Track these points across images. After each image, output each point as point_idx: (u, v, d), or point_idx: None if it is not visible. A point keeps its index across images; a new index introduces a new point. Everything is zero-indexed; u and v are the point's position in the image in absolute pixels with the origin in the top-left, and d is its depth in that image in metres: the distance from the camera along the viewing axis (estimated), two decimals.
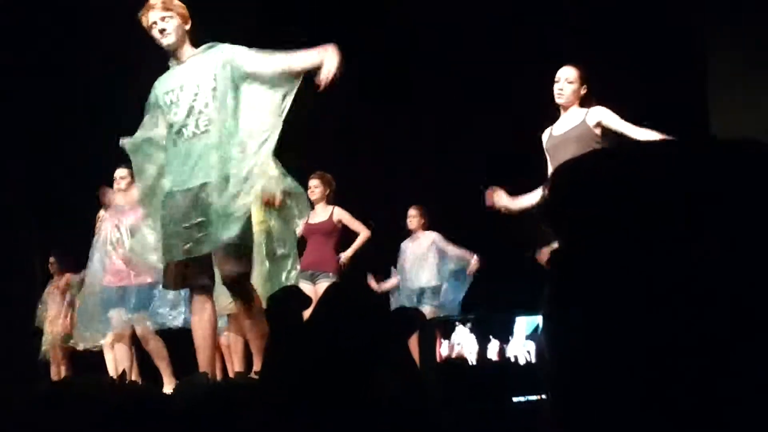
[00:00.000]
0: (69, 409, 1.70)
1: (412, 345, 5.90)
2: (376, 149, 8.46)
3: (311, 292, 6.13)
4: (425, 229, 7.84)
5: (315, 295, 5.62)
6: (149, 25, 4.34)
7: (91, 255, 6.41)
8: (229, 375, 6.07)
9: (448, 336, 6.57)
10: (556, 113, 5.04)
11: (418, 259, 7.76)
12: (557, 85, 4.93)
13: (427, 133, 8.37)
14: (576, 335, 0.69)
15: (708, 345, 0.63)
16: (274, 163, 5.09)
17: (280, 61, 4.31)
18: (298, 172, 5.51)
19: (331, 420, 1.54)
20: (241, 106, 4.33)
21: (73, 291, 7.29)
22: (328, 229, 6.88)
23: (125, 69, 6.76)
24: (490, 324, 6.60)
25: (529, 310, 6.24)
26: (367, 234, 7.01)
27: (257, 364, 4.32)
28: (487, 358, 6.17)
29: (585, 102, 4.93)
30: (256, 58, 4.34)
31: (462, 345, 6.58)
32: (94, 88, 7.76)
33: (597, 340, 0.67)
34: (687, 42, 6.97)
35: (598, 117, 4.83)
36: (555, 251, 0.74)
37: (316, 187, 6.85)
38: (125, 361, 6.18)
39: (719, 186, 0.67)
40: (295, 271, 5.29)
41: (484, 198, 5.30)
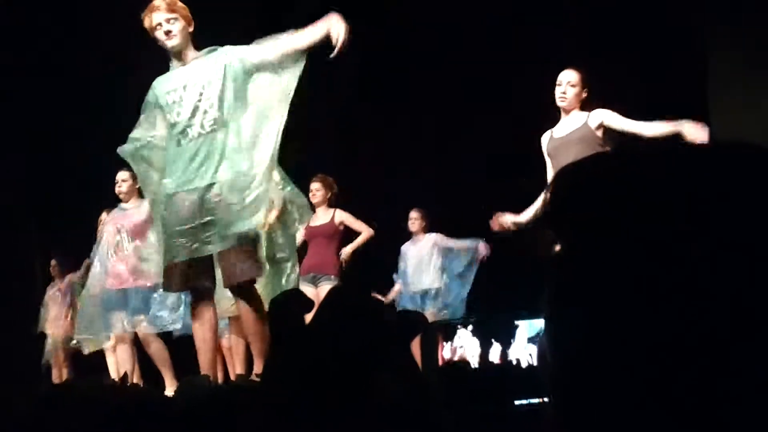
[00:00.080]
0: (71, 411, 1.70)
1: (414, 348, 5.90)
2: (375, 150, 8.45)
3: (313, 295, 6.06)
4: (426, 231, 7.82)
5: (317, 298, 5.59)
6: (153, 26, 4.32)
7: (92, 258, 6.41)
8: (231, 377, 6.05)
9: (450, 339, 6.57)
10: (556, 115, 5.03)
11: (420, 262, 7.74)
12: (559, 88, 4.91)
13: (427, 133, 8.36)
14: (578, 337, 0.69)
15: (709, 345, 0.63)
16: (276, 169, 5.08)
17: (284, 43, 4.29)
18: (298, 173, 5.49)
19: (332, 423, 1.54)
20: (247, 104, 4.33)
21: (76, 293, 7.29)
22: (330, 232, 6.85)
23: (125, 69, 6.76)
24: (492, 327, 6.59)
25: (531, 314, 6.22)
26: (370, 233, 6.97)
27: (258, 367, 4.30)
28: (489, 361, 6.16)
29: (585, 105, 4.93)
30: (259, 49, 4.33)
31: (464, 348, 6.58)
32: (94, 88, 7.75)
33: (599, 342, 0.67)
34: (687, 42, 6.96)
35: (600, 118, 4.82)
36: (557, 254, 0.74)
37: (317, 191, 6.81)
38: (127, 364, 6.17)
39: (720, 188, 0.67)
40: (295, 275, 5.28)
41: (486, 211, 5.30)
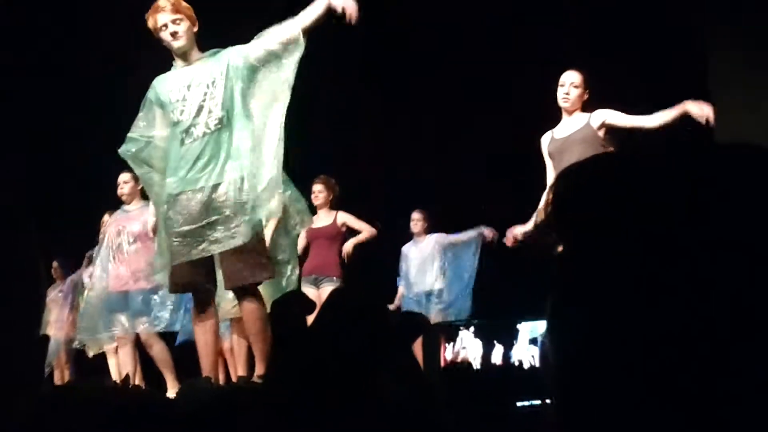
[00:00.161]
0: (73, 413, 1.70)
1: (416, 349, 5.88)
2: (375, 151, 8.44)
3: (315, 296, 6.05)
4: (427, 232, 7.82)
5: (319, 299, 5.58)
6: (158, 27, 4.29)
7: (94, 260, 6.41)
8: (232, 379, 6.04)
9: (452, 340, 6.55)
10: (556, 115, 5.03)
11: (423, 263, 7.72)
12: (562, 89, 4.90)
13: (427, 133, 8.35)
14: (579, 337, 0.69)
15: (709, 346, 0.64)
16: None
17: (284, 29, 4.27)
18: (298, 174, 5.47)
19: (334, 424, 1.54)
20: (252, 102, 4.31)
21: (78, 292, 7.29)
22: (332, 234, 6.82)
23: (125, 69, 6.75)
24: (494, 329, 6.57)
25: (533, 315, 6.20)
26: (373, 231, 6.93)
27: (260, 369, 4.28)
28: (492, 363, 6.14)
29: (586, 106, 4.93)
30: (260, 42, 4.30)
31: (466, 349, 6.56)
32: (94, 88, 7.75)
33: (600, 342, 0.67)
34: (687, 42, 6.96)
35: (602, 118, 4.83)
36: (559, 254, 0.75)
37: (320, 192, 6.77)
38: (128, 366, 6.16)
39: (720, 188, 0.67)
40: (295, 276, 5.27)
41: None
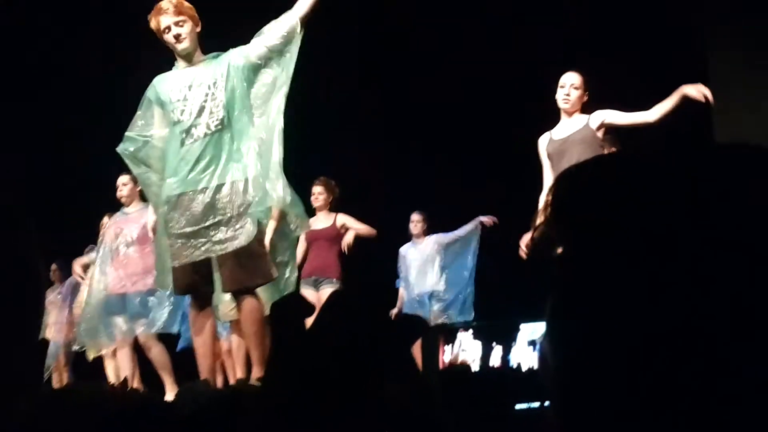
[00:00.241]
0: (71, 415, 1.70)
1: (415, 351, 5.88)
2: (374, 151, 8.44)
3: (315, 298, 6.08)
4: (426, 233, 7.82)
5: (318, 301, 5.59)
6: (161, 29, 4.28)
7: (95, 256, 6.41)
8: (231, 381, 6.02)
9: (451, 342, 6.54)
10: (555, 116, 5.04)
11: (424, 264, 7.74)
12: (562, 90, 4.91)
13: (427, 133, 8.35)
14: (579, 338, 0.69)
15: (710, 346, 0.64)
16: None
17: (284, 21, 4.28)
18: (297, 176, 5.45)
19: (333, 427, 1.54)
20: (252, 102, 4.29)
21: (77, 297, 7.29)
22: (331, 235, 6.79)
23: (125, 69, 6.76)
24: (493, 330, 6.57)
25: (532, 317, 6.19)
26: (373, 231, 6.91)
27: (258, 371, 4.26)
28: (490, 365, 6.13)
29: (585, 108, 4.95)
30: (260, 40, 4.31)
31: (465, 351, 6.56)
32: (94, 88, 7.75)
33: (600, 343, 0.67)
34: (687, 42, 6.97)
35: (600, 119, 4.85)
36: (559, 256, 0.74)
37: (320, 194, 6.76)
38: (127, 368, 6.15)
39: (720, 188, 0.67)
40: (294, 278, 5.26)
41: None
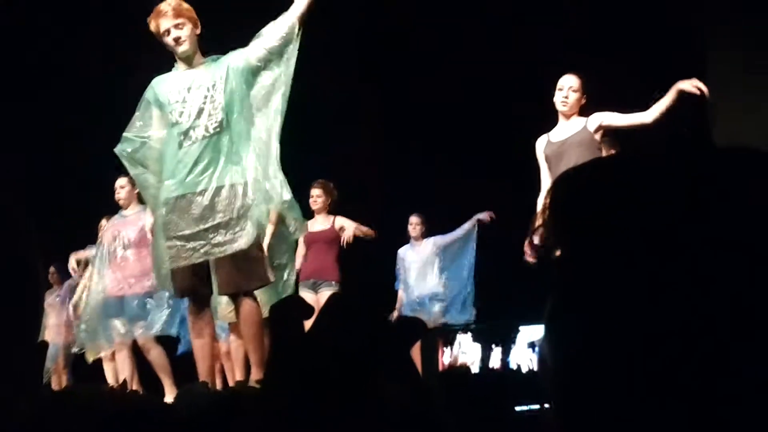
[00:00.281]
0: (69, 418, 1.70)
1: (415, 354, 5.87)
2: (374, 152, 8.43)
3: (313, 301, 6.05)
4: (425, 236, 7.81)
5: (317, 304, 5.56)
6: (160, 32, 4.28)
7: (94, 264, 6.42)
8: (230, 383, 6.02)
9: (450, 344, 6.54)
10: (555, 117, 5.04)
11: (423, 266, 7.74)
12: (561, 93, 4.90)
13: (426, 134, 8.35)
14: (578, 339, 0.69)
15: (710, 347, 0.64)
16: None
17: (283, 22, 4.28)
18: (296, 178, 5.44)
19: (333, 430, 1.54)
20: (251, 104, 4.29)
21: (75, 299, 7.28)
22: (330, 238, 6.77)
23: (125, 69, 6.75)
24: (492, 332, 6.56)
25: (531, 319, 6.19)
26: (372, 231, 6.90)
27: (257, 374, 4.26)
28: (490, 367, 6.13)
29: (583, 111, 4.95)
30: (260, 42, 4.30)
31: (465, 353, 6.56)
32: (94, 88, 7.75)
33: (600, 344, 0.67)
34: (687, 42, 6.97)
35: (598, 121, 4.85)
36: (557, 257, 0.75)
37: (318, 197, 6.74)
38: (126, 371, 6.15)
39: (719, 190, 0.67)
40: (292, 280, 5.26)
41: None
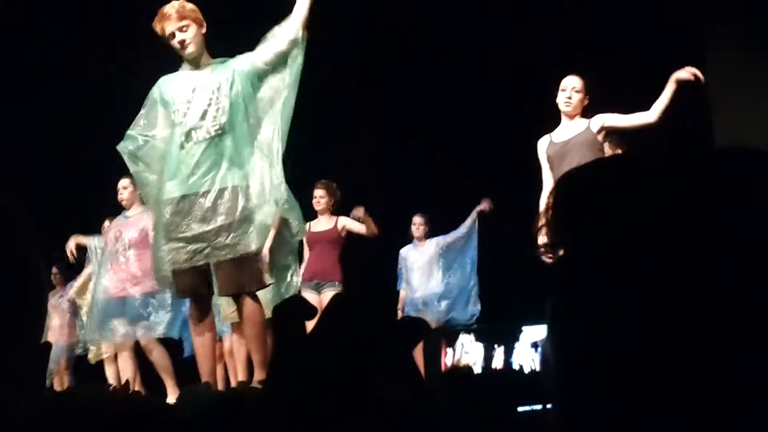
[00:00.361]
0: (71, 418, 1.70)
1: (417, 354, 5.87)
2: (373, 152, 8.42)
3: (316, 301, 6.06)
4: (428, 236, 7.81)
5: (320, 304, 5.57)
6: (166, 35, 4.27)
7: (97, 265, 6.42)
8: (232, 383, 6.02)
9: (452, 345, 6.53)
10: (556, 117, 5.04)
11: (427, 266, 7.73)
12: (564, 93, 4.91)
13: (426, 134, 8.35)
14: (581, 340, 0.69)
15: (710, 347, 0.64)
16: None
17: (290, 26, 4.27)
18: (296, 178, 5.43)
19: (335, 430, 1.54)
20: (256, 107, 4.28)
21: (77, 301, 7.28)
22: (332, 238, 6.77)
23: (125, 69, 6.75)
24: (495, 333, 6.56)
25: (534, 320, 6.19)
26: (377, 229, 6.87)
27: (259, 374, 4.25)
28: (492, 367, 6.13)
29: (586, 111, 4.95)
30: (268, 45, 4.30)
31: (467, 354, 6.56)
32: (94, 88, 7.74)
33: (602, 344, 0.67)
34: (687, 42, 6.97)
35: (601, 122, 4.86)
36: (560, 257, 0.75)
37: (321, 197, 6.74)
38: (128, 371, 6.15)
39: (720, 191, 0.68)
40: (295, 281, 5.25)
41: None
